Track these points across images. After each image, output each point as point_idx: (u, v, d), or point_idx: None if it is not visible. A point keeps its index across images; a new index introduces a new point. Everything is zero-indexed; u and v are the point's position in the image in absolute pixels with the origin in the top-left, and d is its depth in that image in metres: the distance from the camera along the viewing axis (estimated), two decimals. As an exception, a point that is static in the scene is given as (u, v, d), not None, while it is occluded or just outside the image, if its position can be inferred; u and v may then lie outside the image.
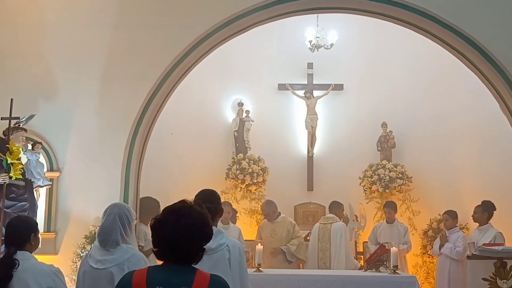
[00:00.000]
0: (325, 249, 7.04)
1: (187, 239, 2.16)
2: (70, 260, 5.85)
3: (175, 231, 2.16)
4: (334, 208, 7.32)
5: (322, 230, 7.13)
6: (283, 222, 7.36)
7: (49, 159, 6.26)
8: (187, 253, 2.17)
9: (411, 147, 8.90)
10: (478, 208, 6.68)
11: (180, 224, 2.16)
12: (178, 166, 8.61)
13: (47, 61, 6.41)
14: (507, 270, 5.56)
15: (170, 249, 2.17)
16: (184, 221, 2.17)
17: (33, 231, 3.29)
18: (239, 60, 8.98)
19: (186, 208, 2.23)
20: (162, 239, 2.18)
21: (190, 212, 2.21)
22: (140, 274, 2.18)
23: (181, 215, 2.19)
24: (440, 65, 8.37)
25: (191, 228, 2.17)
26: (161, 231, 2.18)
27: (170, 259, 2.19)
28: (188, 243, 2.16)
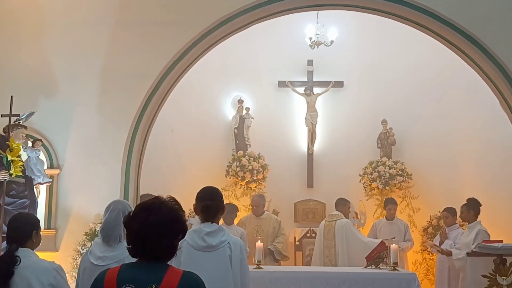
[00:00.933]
0: (330, 246, 7.06)
1: (157, 235, 2.12)
2: (71, 257, 5.86)
3: (144, 227, 2.13)
4: (339, 205, 7.35)
5: (327, 227, 7.15)
6: (268, 219, 7.40)
7: (49, 156, 6.26)
8: (157, 250, 2.14)
9: (411, 144, 8.90)
10: (463, 207, 6.68)
11: (150, 220, 2.13)
12: (178, 163, 8.61)
13: (47, 59, 6.41)
14: (507, 266, 5.57)
15: (141, 246, 2.14)
16: (154, 217, 2.14)
17: (35, 228, 3.30)
18: (239, 57, 8.97)
19: (156, 204, 2.19)
20: (134, 236, 2.16)
21: (160, 207, 2.18)
22: (113, 271, 2.16)
23: (150, 211, 2.16)
24: (440, 62, 8.36)
25: (160, 224, 2.13)
26: (132, 228, 2.16)
27: (142, 256, 2.16)
28: (158, 239, 2.13)
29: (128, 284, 2.08)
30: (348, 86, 9.17)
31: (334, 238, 7.04)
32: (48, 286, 3.11)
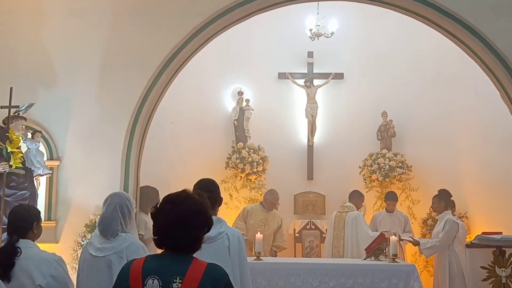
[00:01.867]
0: (339, 237, 7.11)
1: (182, 227, 2.15)
2: (71, 248, 5.87)
3: (170, 219, 2.16)
4: (354, 197, 7.41)
5: (337, 218, 7.20)
6: (273, 214, 7.52)
7: (49, 148, 6.26)
8: (182, 241, 2.16)
9: (411, 136, 8.89)
10: (435, 198, 6.78)
11: (175, 211, 2.17)
12: (178, 155, 8.62)
13: (46, 50, 6.38)
14: (506, 258, 5.58)
15: (166, 237, 2.17)
16: (179, 208, 2.17)
17: (36, 220, 3.31)
18: (239, 49, 8.95)
19: (183, 196, 2.23)
20: (159, 227, 2.19)
21: (186, 199, 2.21)
22: (138, 263, 2.18)
23: (176, 203, 2.19)
24: (441, 54, 8.33)
25: (185, 216, 2.16)
26: (158, 219, 2.19)
27: (167, 248, 2.19)
28: (183, 231, 2.15)
29: (153, 276, 2.10)
30: (348, 78, 9.15)
31: (343, 229, 7.07)
32: (49, 277, 3.12)
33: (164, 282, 2.09)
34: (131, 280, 2.13)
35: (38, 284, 3.08)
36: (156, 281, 2.09)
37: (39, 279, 3.08)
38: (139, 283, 2.10)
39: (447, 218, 6.54)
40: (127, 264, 2.25)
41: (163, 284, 2.08)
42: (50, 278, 3.12)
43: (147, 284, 2.09)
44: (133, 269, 2.16)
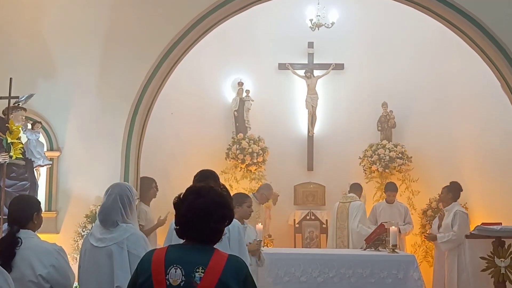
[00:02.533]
0: (343, 227, 7.14)
1: (204, 218, 2.19)
2: (72, 239, 5.89)
3: (192, 209, 2.19)
4: (354, 189, 7.42)
5: (340, 209, 7.21)
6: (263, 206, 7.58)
7: (48, 138, 6.26)
8: (204, 232, 2.19)
9: (411, 127, 8.88)
10: (444, 189, 6.76)
11: (198, 202, 2.20)
12: (178, 146, 8.62)
13: (46, 41, 6.36)
14: (505, 248, 5.61)
15: (188, 227, 2.21)
16: (202, 200, 2.21)
17: (36, 210, 3.31)
18: (239, 39, 8.91)
19: (206, 188, 2.27)
20: (181, 217, 2.22)
21: (209, 191, 2.24)
22: (160, 252, 2.21)
23: (199, 194, 2.23)
24: (442, 45, 8.29)
25: (208, 207, 2.20)
26: (181, 209, 2.23)
27: (189, 238, 2.22)
28: (205, 222, 2.19)
29: (176, 265, 2.12)
30: (348, 69, 9.12)
31: (347, 219, 7.08)
32: (49, 267, 3.13)
33: (186, 272, 2.11)
34: (153, 269, 2.14)
35: (39, 273, 3.10)
36: (179, 270, 2.11)
37: (40, 269, 3.10)
38: (162, 272, 2.12)
39: (456, 209, 6.52)
40: (149, 253, 2.27)
41: (186, 273, 2.11)
42: (51, 268, 3.13)
43: (169, 272, 2.12)
44: (155, 258, 2.18)
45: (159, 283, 2.11)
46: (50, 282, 3.15)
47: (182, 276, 2.10)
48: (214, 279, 2.10)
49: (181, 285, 2.10)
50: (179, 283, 2.10)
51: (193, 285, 2.10)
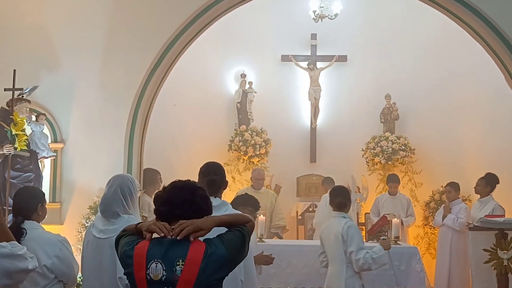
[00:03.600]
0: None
1: (187, 199, 2.23)
2: (75, 230, 5.93)
3: (175, 193, 2.25)
4: (328, 183, 7.44)
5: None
6: (266, 193, 7.52)
7: (52, 130, 6.28)
8: (187, 215, 2.21)
9: (414, 119, 8.87)
10: (482, 181, 6.69)
11: (181, 187, 2.27)
12: (181, 138, 8.63)
13: (49, 32, 6.36)
14: (508, 241, 5.61)
15: (170, 212, 2.23)
16: (186, 187, 2.28)
17: (40, 202, 3.34)
18: (242, 31, 8.88)
19: (189, 182, 2.32)
20: (163, 204, 2.25)
21: (193, 183, 2.31)
22: (142, 246, 2.20)
23: (184, 184, 2.29)
24: (446, 37, 8.26)
25: (192, 190, 2.27)
26: (163, 197, 2.26)
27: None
28: (188, 203, 2.23)
29: (157, 260, 2.13)
30: (352, 61, 9.10)
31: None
32: (54, 258, 3.16)
33: (167, 266, 2.12)
34: (135, 264, 2.15)
35: (43, 264, 3.13)
36: (159, 264, 2.12)
37: (44, 259, 3.13)
38: (143, 268, 2.13)
39: (495, 204, 6.50)
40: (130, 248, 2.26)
41: (167, 268, 2.11)
42: (55, 259, 3.16)
43: (150, 267, 2.12)
44: (137, 252, 2.18)
45: (140, 280, 2.13)
46: (55, 272, 3.18)
47: (163, 270, 2.11)
48: (195, 270, 2.11)
49: (162, 279, 2.10)
50: (160, 277, 2.11)
51: (175, 279, 2.10)
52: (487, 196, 6.64)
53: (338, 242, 4.38)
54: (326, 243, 4.55)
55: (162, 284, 2.10)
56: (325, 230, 4.62)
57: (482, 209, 6.48)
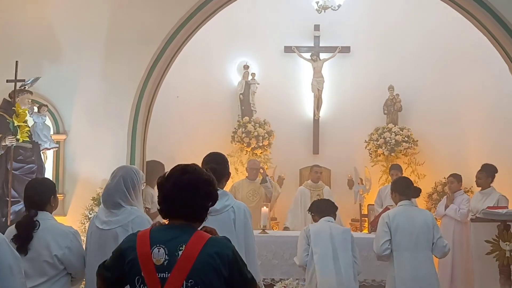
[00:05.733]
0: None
1: (190, 192, 2.20)
2: (79, 221, 5.94)
3: (178, 185, 2.21)
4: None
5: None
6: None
7: (55, 121, 6.28)
8: (189, 208, 2.20)
9: (417, 110, 8.84)
10: (482, 174, 6.67)
11: (184, 178, 2.22)
12: (183, 129, 8.63)
13: (51, 24, 6.35)
14: (510, 232, 5.61)
15: (173, 204, 2.21)
16: (188, 175, 2.22)
17: (53, 193, 3.38)
18: (245, 22, 8.85)
19: (192, 166, 2.28)
20: (166, 195, 2.23)
21: (195, 169, 2.27)
22: (144, 232, 2.23)
23: (186, 171, 2.24)
24: (450, 29, 8.21)
25: (195, 182, 2.22)
26: (166, 187, 2.23)
27: (173, 217, 2.23)
28: (191, 197, 2.20)
29: (159, 245, 2.15)
30: (355, 52, 9.06)
31: None
32: (65, 249, 3.20)
33: (170, 251, 2.14)
34: (139, 250, 2.16)
35: (54, 254, 3.17)
36: (162, 249, 2.14)
37: (56, 249, 3.17)
38: (148, 252, 2.14)
39: (499, 195, 6.50)
40: (132, 235, 2.29)
41: (169, 253, 2.13)
42: (66, 250, 3.20)
43: (153, 252, 2.14)
44: (140, 239, 2.20)
45: (145, 263, 2.13)
46: (65, 264, 3.21)
47: (166, 255, 2.13)
48: (194, 253, 2.11)
49: (165, 264, 2.12)
50: (163, 262, 2.12)
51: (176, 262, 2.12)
52: (489, 187, 6.63)
53: (428, 228, 4.54)
54: (406, 231, 4.53)
55: (165, 269, 2.12)
56: (402, 217, 4.58)
57: (486, 201, 6.47)
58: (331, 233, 4.84)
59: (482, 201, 6.50)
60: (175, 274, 2.10)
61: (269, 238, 6.12)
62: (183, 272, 2.10)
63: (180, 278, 2.09)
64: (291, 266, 5.98)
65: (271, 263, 5.99)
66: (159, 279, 2.11)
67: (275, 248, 6.07)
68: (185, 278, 2.10)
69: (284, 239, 6.22)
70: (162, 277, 2.11)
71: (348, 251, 4.83)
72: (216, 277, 2.13)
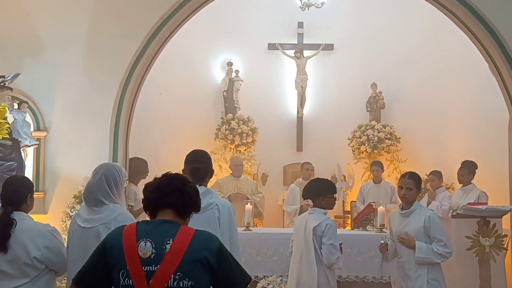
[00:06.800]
0: None
1: (178, 184, 2.28)
2: (60, 219, 5.87)
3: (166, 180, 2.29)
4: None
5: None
6: (246, 181, 7.59)
7: (35, 118, 6.18)
8: (177, 199, 2.25)
9: (400, 108, 8.93)
10: (464, 171, 6.76)
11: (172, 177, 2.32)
12: (167, 126, 8.58)
13: (32, 19, 6.24)
14: (490, 228, 5.71)
15: (160, 198, 2.26)
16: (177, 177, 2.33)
17: (30, 192, 3.32)
18: (228, 19, 8.82)
19: (182, 175, 2.42)
20: (153, 190, 2.28)
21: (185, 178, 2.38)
22: (131, 226, 2.25)
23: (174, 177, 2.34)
24: (432, 27, 8.29)
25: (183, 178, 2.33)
26: (153, 185, 2.30)
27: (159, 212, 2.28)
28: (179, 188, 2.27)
29: (146, 239, 2.17)
30: (338, 49, 9.10)
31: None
32: (43, 249, 3.14)
33: (157, 244, 2.15)
34: (125, 244, 2.17)
35: (33, 256, 3.11)
36: (148, 243, 2.15)
37: (34, 251, 3.11)
38: (134, 245, 2.15)
39: (480, 192, 6.58)
40: (119, 228, 2.30)
41: (156, 246, 2.15)
42: (45, 250, 3.14)
43: (139, 246, 2.15)
44: (126, 233, 2.21)
45: (130, 256, 2.15)
46: (45, 263, 3.17)
47: (153, 248, 2.14)
48: (183, 247, 2.14)
49: (151, 257, 2.14)
50: (149, 255, 2.14)
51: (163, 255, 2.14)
52: (470, 184, 6.73)
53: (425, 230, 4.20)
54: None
55: (151, 262, 2.13)
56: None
57: (467, 197, 6.57)
58: (305, 228, 4.48)
59: (463, 198, 6.59)
60: (164, 267, 2.11)
61: (253, 235, 6.13)
62: (171, 265, 2.12)
63: (169, 272, 2.11)
64: (275, 263, 6.01)
65: (254, 260, 6.00)
66: (145, 272, 2.12)
67: (258, 245, 6.07)
68: (174, 272, 2.11)
69: (267, 236, 6.23)
70: (148, 270, 2.12)
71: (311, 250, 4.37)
72: (203, 269, 2.16)
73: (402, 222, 4.32)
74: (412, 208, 4.28)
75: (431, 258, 4.17)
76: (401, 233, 4.27)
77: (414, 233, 4.21)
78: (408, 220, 4.28)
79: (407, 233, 4.22)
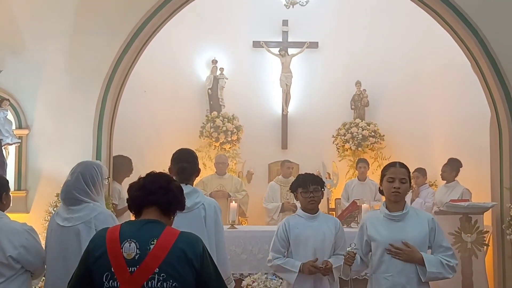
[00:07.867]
0: None
1: (163, 182, 2.29)
2: (42, 218, 5.80)
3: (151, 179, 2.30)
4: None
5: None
6: (230, 179, 7.61)
7: (17, 116, 6.09)
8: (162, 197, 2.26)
9: (384, 106, 9.00)
10: (447, 167, 6.86)
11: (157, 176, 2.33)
12: (151, 124, 8.53)
13: (14, 15, 6.14)
14: (472, 224, 5.80)
15: (145, 196, 2.26)
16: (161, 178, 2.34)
17: (4, 190, 3.26)
18: (213, 17, 8.80)
19: (167, 174, 2.41)
20: (138, 189, 2.28)
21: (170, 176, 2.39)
22: (114, 229, 2.24)
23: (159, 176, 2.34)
24: (415, 26, 8.36)
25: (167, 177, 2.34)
26: (138, 184, 2.31)
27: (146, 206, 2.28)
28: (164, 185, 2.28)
29: (130, 239, 2.16)
30: (323, 47, 9.13)
31: None
32: (20, 248, 3.09)
33: (141, 245, 2.15)
34: (108, 245, 2.16)
35: (9, 255, 3.06)
36: (133, 243, 2.15)
37: (10, 250, 3.06)
38: (118, 246, 2.14)
39: (463, 189, 6.65)
40: (102, 230, 2.29)
41: (141, 247, 2.14)
42: (21, 249, 3.09)
43: (123, 247, 2.14)
44: (109, 234, 2.20)
45: (115, 257, 2.14)
46: (21, 263, 3.11)
47: (137, 249, 2.14)
48: (167, 246, 2.14)
49: (136, 258, 2.13)
50: (134, 256, 2.13)
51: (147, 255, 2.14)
52: (453, 181, 6.82)
53: None
54: None
55: (136, 262, 2.12)
56: None
57: (450, 194, 6.66)
58: None
59: (447, 194, 6.68)
60: (145, 265, 2.11)
61: (238, 233, 6.13)
62: (153, 263, 2.11)
63: (150, 269, 2.10)
64: (260, 261, 6.01)
65: (239, 258, 6.00)
66: (130, 273, 2.11)
67: (243, 243, 6.08)
68: (157, 271, 2.10)
69: (252, 234, 6.24)
70: (133, 270, 2.11)
71: None
72: (188, 270, 2.15)
73: (392, 228, 3.34)
74: (406, 209, 3.37)
75: (443, 273, 3.27)
76: (395, 242, 3.28)
77: (417, 242, 3.29)
78: (404, 225, 3.34)
79: (407, 243, 3.27)
